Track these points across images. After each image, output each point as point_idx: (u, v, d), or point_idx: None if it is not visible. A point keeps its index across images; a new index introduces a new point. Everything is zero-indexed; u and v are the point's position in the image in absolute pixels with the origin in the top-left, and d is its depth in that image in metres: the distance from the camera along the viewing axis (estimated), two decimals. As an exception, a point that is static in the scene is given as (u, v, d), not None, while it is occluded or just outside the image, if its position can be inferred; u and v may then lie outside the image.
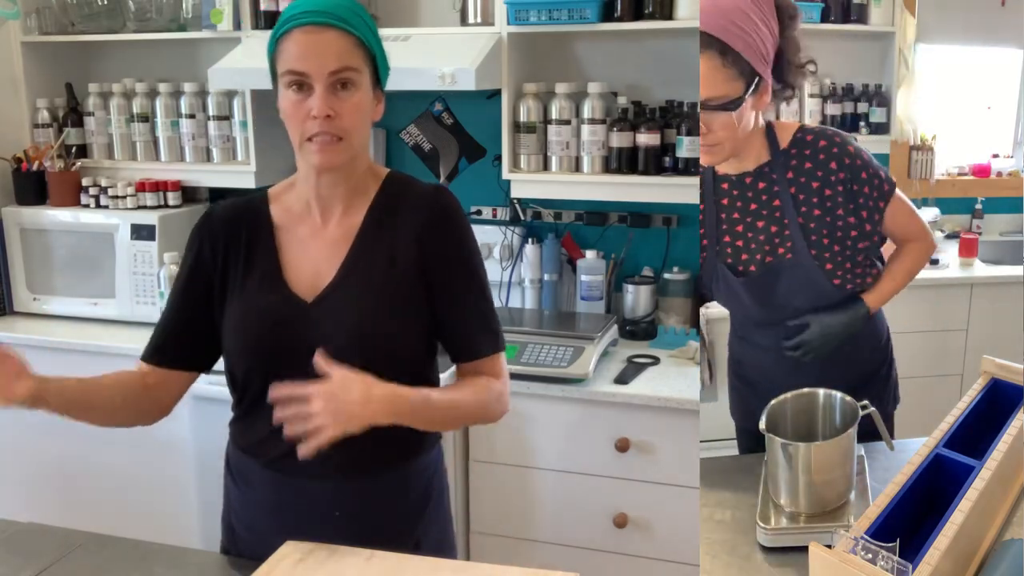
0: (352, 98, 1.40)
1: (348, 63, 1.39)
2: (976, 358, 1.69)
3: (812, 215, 1.65)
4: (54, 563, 1.43)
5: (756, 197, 1.69)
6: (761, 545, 1.40)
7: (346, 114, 1.39)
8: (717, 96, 1.51)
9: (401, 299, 1.46)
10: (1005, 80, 3.32)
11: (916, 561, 1.10)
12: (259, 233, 1.51)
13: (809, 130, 1.67)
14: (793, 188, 1.65)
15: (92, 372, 2.79)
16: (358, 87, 1.41)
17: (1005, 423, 1.44)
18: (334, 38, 1.39)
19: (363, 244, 1.48)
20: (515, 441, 2.48)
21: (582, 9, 2.52)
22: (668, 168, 2.62)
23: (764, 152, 1.66)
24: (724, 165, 1.69)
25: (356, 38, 1.40)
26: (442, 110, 2.80)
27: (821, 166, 1.64)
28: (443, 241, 1.49)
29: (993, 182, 3.32)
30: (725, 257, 1.73)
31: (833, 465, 1.44)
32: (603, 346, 2.55)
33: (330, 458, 1.34)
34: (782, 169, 1.66)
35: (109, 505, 2.84)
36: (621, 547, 2.45)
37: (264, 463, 1.48)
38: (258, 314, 1.47)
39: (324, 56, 1.38)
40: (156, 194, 2.99)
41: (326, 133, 1.39)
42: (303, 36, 1.39)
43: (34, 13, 3.09)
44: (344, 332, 1.43)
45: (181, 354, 1.53)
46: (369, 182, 1.52)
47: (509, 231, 2.95)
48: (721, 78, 1.50)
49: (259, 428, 1.47)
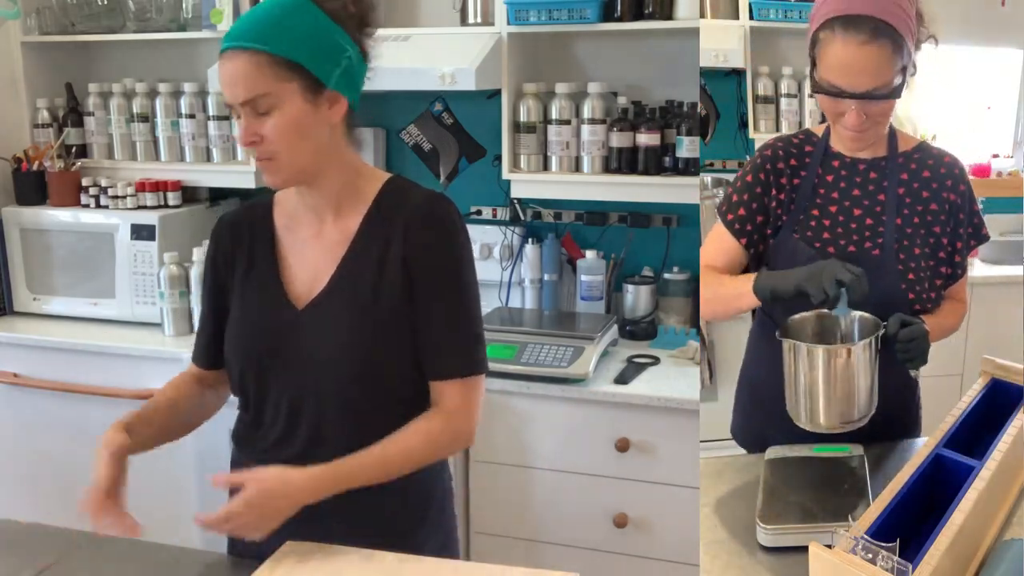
0: (271, 121, 1.36)
1: (257, 90, 1.34)
2: (976, 358, 1.69)
3: (911, 221, 1.64)
4: (54, 563, 1.43)
5: (863, 185, 1.66)
6: (761, 545, 1.40)
7: (270, 138, 1.37)
8: (884, 85, 1.51)
9: (388, 311, 1.43)
10: (1005, 80, 3.32)
11: (916, 561, 1.10)
12: (262, 236, 1.52)
13: (934, 145, 1.70)
14: (902, 189, 1.65)
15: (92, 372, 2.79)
16: (277, 108, 1.35)
17: (1005, 423, 1.44)
18: (242, 64, 1.34)
19: (356, 252, 1.46)
20: (515, 441, 2.48)
21: (582, 9, 2.52)
22: (668, 168, 2.62)
23: (883, 146, 1.66)
24: (840, 143, 1.67)
25: (269, 57, 1.34)
26: (442, 110, 2.80)
27: (938, 180, 1.65)
28: (428, 250, 1.44)
29: (993, 182, 3.32)
30: (805, 231, 1.66)
31: (851, 375, 1.45)
32: (603, 346, 2.55)
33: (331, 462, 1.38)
34: (899, 168, 1.66)
35: (109, 505, 2.84)
36: (621, 547, 2.45)
37: (264, 463, 1.48)
38: (251, 321, 1.49)
39: (236, 86, 1.35)
40: (156, 194, 2.98)
41: (258, 154, 1.39)
42: (222, 65, 1.37)
43: (34, 13, 3.09)
44: (329, 343, 1.43)
45: (215, 354, 1.58)
46: (363, 185, 1.49)
47: (509, 231, 2.95)
48: (891, 67, 1.50)
49: (259, 430, 1.50)
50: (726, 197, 1.74)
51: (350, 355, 1.42)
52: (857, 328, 1.56)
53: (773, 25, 2.82)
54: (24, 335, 2.91)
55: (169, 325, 2.86)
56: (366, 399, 1.44)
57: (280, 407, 1.47)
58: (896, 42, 1.49)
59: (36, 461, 2.94)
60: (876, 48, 1.48)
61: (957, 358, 2.82)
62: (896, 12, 1.49)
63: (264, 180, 1.43)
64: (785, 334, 1.54)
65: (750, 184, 1.69)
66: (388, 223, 1.46)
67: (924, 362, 1.58)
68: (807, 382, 1.50)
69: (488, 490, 2.55)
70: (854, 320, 1.56)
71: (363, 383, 1.43)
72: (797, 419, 1.55)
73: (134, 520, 1.37)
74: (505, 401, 2.47)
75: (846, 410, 1.50)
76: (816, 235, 1.66)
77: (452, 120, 2.81)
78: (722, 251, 1.71)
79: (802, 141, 1.71)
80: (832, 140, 1.69)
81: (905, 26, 1.50)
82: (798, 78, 2.88)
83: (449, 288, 1.45)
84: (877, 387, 1.53)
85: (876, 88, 1.51)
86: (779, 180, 1.68)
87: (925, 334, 1.54)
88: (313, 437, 1.45)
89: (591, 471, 2.44)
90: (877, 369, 1.53)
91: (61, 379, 2.85)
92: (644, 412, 2.37)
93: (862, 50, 1.48)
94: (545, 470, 2.48)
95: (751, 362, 1.87)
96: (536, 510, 2.51)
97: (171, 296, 2.84)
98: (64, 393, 2.84)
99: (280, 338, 1.45)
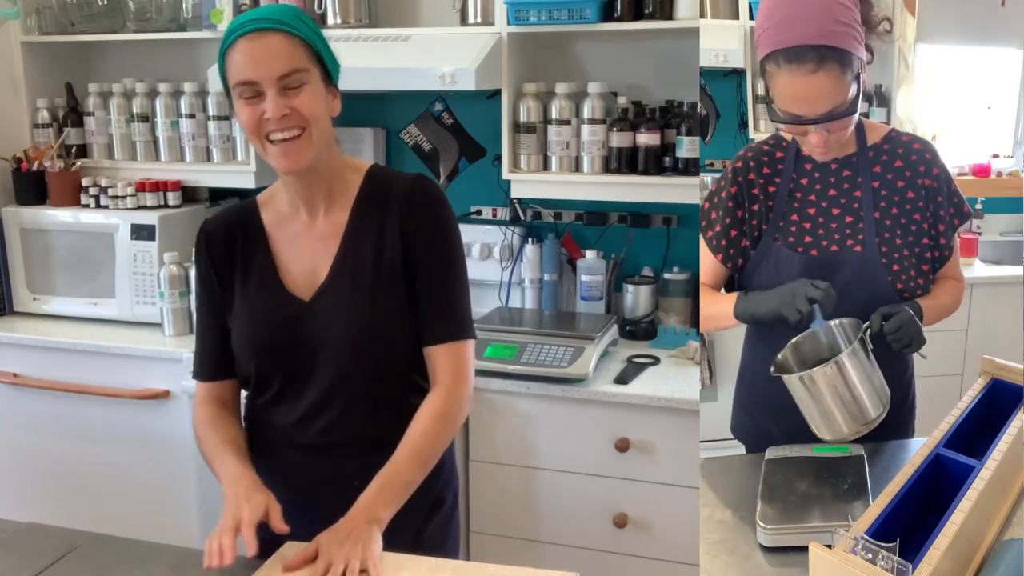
0: (302, 95, 1.42)
1: (295, 65, 1.42)
2: (976, 358, 1.70)
3: (890, 213, 1.65)
4: (54, 563, 1.43)
5: (838, 184, 1.67)
6: (761, 545, 1.40)
7: (302, 108, 1.42)
8: (840, 104, 1.49)
9: (392, 292, 1.51)
10: (1005, 80, 3.32)
11: (916, 561, 1.10)
12: (253, 239, 1.57)
13: (903, 132, 1.69)
14: (877, 183, 1.65)
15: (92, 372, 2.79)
16: (309, 83, 1.43)
17: (1005, 423, 1.44)
18: (278, 41, 1.41)
19: (351, 240, 1.53)
20: (515, 441, 2.48)
21: (582, 9, 2.52)
22: (668, 168, 2.62)
23: (851, 143, 1.66)
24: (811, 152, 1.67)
25: (300, 40, 1.43)
26: (442, 110, 2.80)
27: (911, 167, 1.65)
28: (424, 229, 1.52)
29: (993, 182, 3.32)
30: (787, 237, 1.68)
31: (853, 382, 1.48)
32: (603, 346, 2.55)
33: (349, 445, 1.53)
34: (870, 163, 1.66)
35: (109, 505, 2.84)
36: (621, 547, 2.45)
37: (283, 458, 1.57)
38: (261, 317, 1.54)
39: (271, 61, 1.40)
40: (156, 194, 2.99)
41: (285, 130, 1.41)
42: (248, 44, 1.41)
43: (34, 13, 3.09)
44: (339, 330, 1.50)
45: (229, 365, 1.61)
46: (350, 176, 1.56)
47: (509, 231, 2.95)
48: (844, 86, 1.48)
49: (277, 414, 1.57)
50: (704, 212, 1.75)
51: (360, 333, 1.50)
52: (841, 335, 1.58)
53: (773, 25, 2.81)
54: (24, 335, 2.91)
55: (169, 325, 2.86)
56: (376, 372, 1.53)
57: (298, 390, 1.54)
58: (844, 62, 1.47)
59: (36, 461, 2.94)
60: (824, 75, 1.46)
61: (957, 358, 2.83)
62: (837, 30, 1.46)
63: (283, 164, 1.46)
64: (780, 369, 1.55)
65: (724, 200, 1.71)
66: (378, 206, 1.53)
67: (921, 342, 1.58)
68: (816, 404, 1.53)
69: (488, 490, 2.55)
70: (836, 329, 1.58)
71: (373, 357, 1.52)
72: (823, 436, 1.57)
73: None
74: (505, 401, 2.47)
75: (860, 413, 1.53)
76: (798, 239, 1.67)
77: (452, 120, 2.81)
78: (708, 266, 1.74)
79: (772, 147, 1.71)
80: (819, 157, 1.69)
81: (850, 39, 1.48)
82: (798, 78, 2.88)
83: (444, 260, 1.54)
84: (883, 380, 1.56)
85: (833, 109, 1.50)
86: (751, 191, 1.69)
87: (910, 318, 1.55)
88: (332, 421, 1.54)
89: (591, 471, 2.44)
90: (876, 365, 1.54)
91: (61, 379, 2.85)
92: (644, 412, 2.37)
93: (811, 79, 1.46)
94: (545, 470, 2.48)
95: (749, 359, 1.88)
96: (536, 510, 2.51)
97: (171, 296, 2.84)
98: (64, 393, 2.84)
99: (292, 329, 1.51)
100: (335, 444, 1.54)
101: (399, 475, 1.46)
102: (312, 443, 1.55)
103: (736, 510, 1.52)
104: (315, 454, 1.55)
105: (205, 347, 1.62)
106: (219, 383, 1.62)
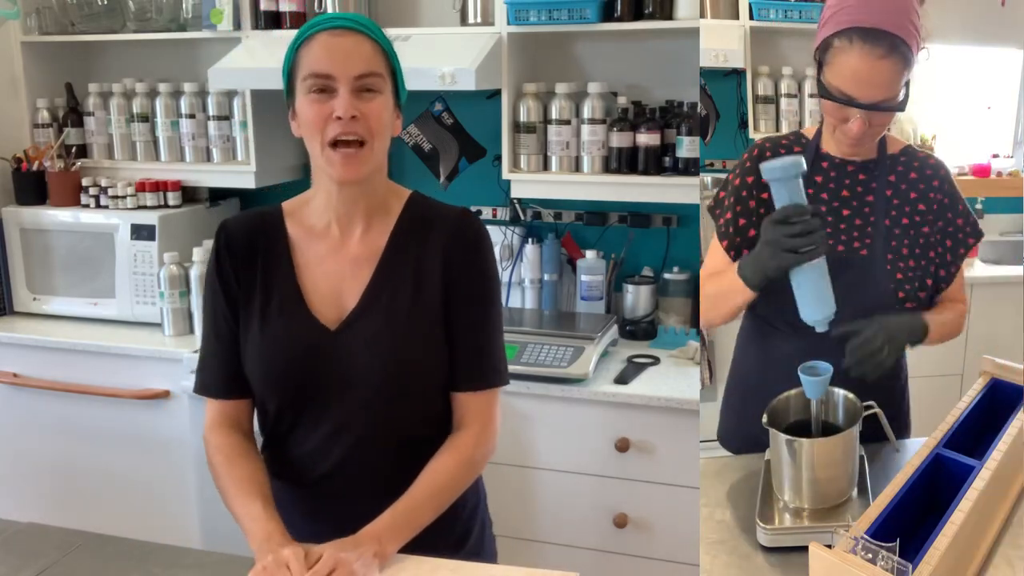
0: (375, 102, 1.37)
1: (374, 68, 1.37)
2: (976, 358, 1.69)
3: (900, 222, 1.65)
4: (54, 563, 1.43)
5: (852, 187, 1.67)
6: (761, 545, 1.40)
7: (371, 116, 1.36)
8: (892, 97, 1.52)
9: (427, 326, 1.43)
10: (1005, 80, 3.32)
11: (916, 561, 1.10)
12: (276, 251, 1.46)
13: (921, 148, 1.72)
14: (890, 191, 1.66)
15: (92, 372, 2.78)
16: (382, 93, 1.39)
17: (1005, 423, 1.44)
18: (361, 41, 1.38)
19: (388, 268, 1.44)
20: (515, 441, 2.48)
21: (582, 9, 2.52)
22: (668, 168, 2.62)
23: (873, 148, 1.68)
24: (833, 144, 1.68)
25: (381, 48, 1.40)
26: (442, 110, 2.80)
27: (925, 180, 1.66)
28: (467, 269, 1.45)
29: (993, 182, 3.32)
30: None
31: (836, 462, 1.44)
32: (603, 346, 2.55)
33: (364, 479, 1.43)
34: (887, 169, 1.67)
35: (109, 505, 2.84)
36: (621, 547, 2.45)
37: (299, 485, 1.48)
38: (282, 343, 1.43)
39: (351, 58, 1.36)
40: (156, 194, 2.99)
41: (350, 134, 1.35)
42: (329, 39, 1.37)
43: (34, 13, 3.09)
44: (371, 362, 1.41)
45: (245, 381, 1.48)
46: (391, 201, 1.49)
47: (509, 231, 2.95)
48: (900, 81, 1.51)
49: (293, 446, 1.47)
50: (718, 200, 1.75)
51: (389, 373, 1.41)
52: (841, 406, 1.55)
53: (773, 25, 2.82)
54: (24, 335, 2.91)
55: (169, 325, 2.86)
56: (404, 414, 1.45)
57: (316, 425, 1.45)
58: (907, 58, 1.51)
59: (36, 461, 2.95)
60: (891, 63, 1.49)
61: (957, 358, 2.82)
62: (910, 29, 1.51)
63: (341, 172, 1.37)
64: (771, 423, 1.50)
65: (737, 188, 1.71)
66: (419, 237, 1.45)
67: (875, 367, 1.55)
68: (791, 472, 1.47)
69: (488, 490, 2.55)
70: (831, 401, 1.56)
71: (401, 398, 1.43)
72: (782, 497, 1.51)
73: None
74: (505, 401, 2.43)
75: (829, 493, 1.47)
76: None
77: (452, 120, 2.81)
78: (718, 256, 1.71)
79: (791, 142, 1.72)
80: (823, 141, 1.70)
81: (915, 43, 1.53)
82: (798, 78, 2.88)
83: (484, 303, 1.48)
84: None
85: (885, 100, 1.52)
86: (763, 181, 1.68)
87: (877, 348, 1.53)
88: (349, 455, 1.44)
89: (591, 471, 2.44)
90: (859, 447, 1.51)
91: (61, 379, 2.85)
92: (644, 412, 2.37)
93: (878, 64, 1.49)
94: (545, 470, 2.48)
95: (741, 362, 1.87)
96: (536, 510, 2.51)
97: (171, 296, 2.84)
98: (64, 393, 2.84)
99: (316, 360, 1.42)
100: (348, 478, 1.45)
101: (414, 513, 1.38)
102: (323, 475, 1.46)
103: (736, 510, 1.52)
104: (325, 486, 1.46)
105: (216, 359, 1.48)
106: (233, 403, 1.49)
